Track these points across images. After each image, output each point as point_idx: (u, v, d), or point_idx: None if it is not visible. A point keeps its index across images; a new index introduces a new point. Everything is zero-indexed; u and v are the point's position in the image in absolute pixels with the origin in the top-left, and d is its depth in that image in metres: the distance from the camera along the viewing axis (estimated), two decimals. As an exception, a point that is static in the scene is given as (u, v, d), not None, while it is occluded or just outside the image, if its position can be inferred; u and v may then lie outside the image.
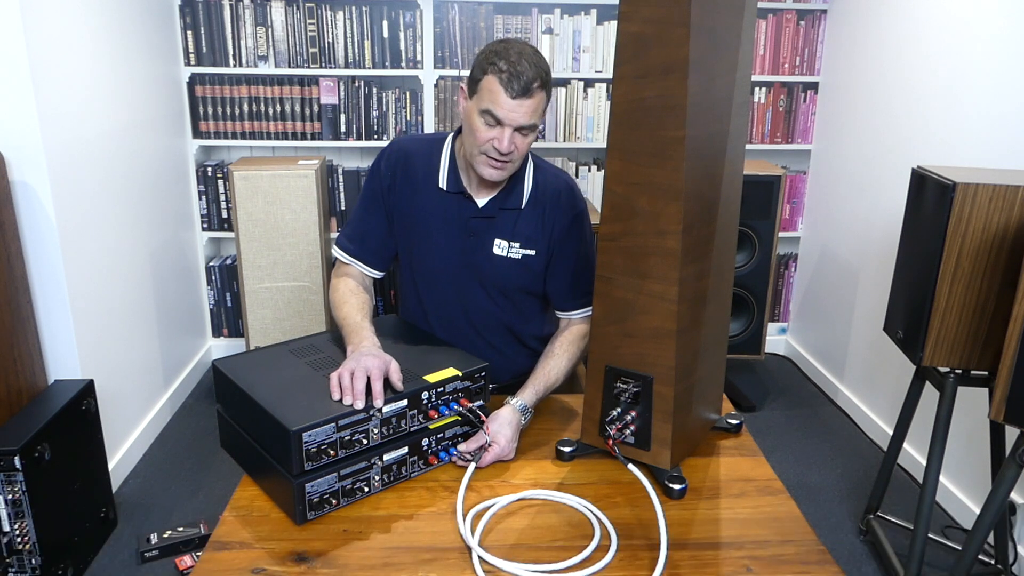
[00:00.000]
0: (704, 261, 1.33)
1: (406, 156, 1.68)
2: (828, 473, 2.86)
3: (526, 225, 1.66)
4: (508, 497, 1.29)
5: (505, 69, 1.46)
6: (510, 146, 1.51)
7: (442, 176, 1.65)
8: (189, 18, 3.25)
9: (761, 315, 3.24)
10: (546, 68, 1.51)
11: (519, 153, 1.54)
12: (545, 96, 1.52)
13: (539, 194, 1.67)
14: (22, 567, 2.01)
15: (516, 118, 1.49)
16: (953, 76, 2.61)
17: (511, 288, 1.71)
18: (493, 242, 1.66)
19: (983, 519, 1.77)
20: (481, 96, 1.50)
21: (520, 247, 1.66)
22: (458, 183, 1.65)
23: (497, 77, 1.47)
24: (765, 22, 3.46)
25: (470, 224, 1.65)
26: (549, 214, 1.67)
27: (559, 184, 1.69)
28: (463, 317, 1.72)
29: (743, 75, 1.35)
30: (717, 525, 1.25)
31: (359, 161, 3.55)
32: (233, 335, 3.68)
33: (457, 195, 1.65)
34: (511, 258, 1.67)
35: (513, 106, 1.47)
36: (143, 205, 2.93)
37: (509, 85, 1.46)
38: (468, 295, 1.70)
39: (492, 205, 1.65)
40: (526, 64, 1.46)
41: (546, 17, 3.36)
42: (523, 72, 1.46)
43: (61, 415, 2.13)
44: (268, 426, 1.23)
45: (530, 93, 1.48)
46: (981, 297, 1.85)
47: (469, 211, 1.65)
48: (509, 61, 1.46)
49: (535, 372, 1.60)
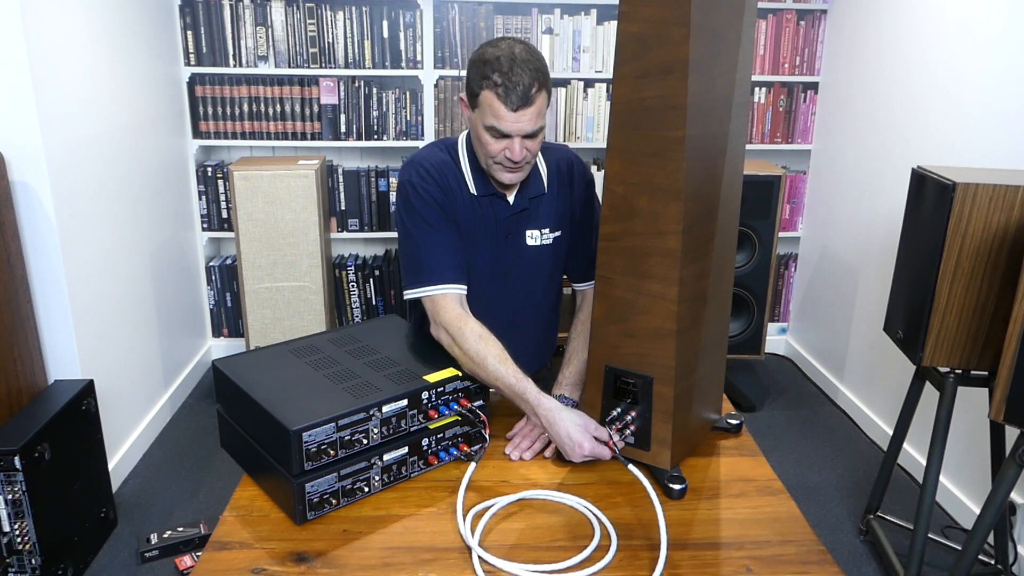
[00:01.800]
0: (704, 261, 1.33)
1: (436, 167, 1.61)
2: (828, 473, 2.86)
3: (550, 208, 1.69)
4: (508, 497, 1.29)
5: (500, 83, 1.43)
6: (522, 152, 1.51)
7: (470, 182, 1.63)
8: (189, 18, 3.25)
9: (761, 315, 3.24)
10: (541, 67, 1.48)
11: (532, 154, 1.55)
12: (546, 96, 1.50)
13: (554, 173, 1.71)
14: (22, 567, 2.01)
15: (521, 127, 1.48)
16: (953, 76, 2.61)
17: (545, 276, 1.73)
18: (525, 235, 1.68)
19: (983, 519, 1.77)
20: (483, 111, 1.49)
21: (549, 231, 1.69)
22: (487, 185, 1.63)
23: (494, 92, 1.44)
24: (765, 22, 3.46)
25: (507, 223, 1.66)
26: (566, 189, 1.71)
27: (568, 157, 1.74)
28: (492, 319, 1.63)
29: (743, 75, 1.35)
30: (717, 525, 1.25)
31: (359, 161, 3.55)
32: (233, 335, 3.68)
33: (489, 197, 1.64)
34: (544, 245, 1.70)
35: (516, 118, 1.46)
36: (143, 205, 2.93)
37: (508, 99, 1.44)
38: (499, 295, 1.70)
39: (521, 198, 1.66)
40: (520, 72, 1.43)
41: (546, 17, 3.36)
42: (519, 82, 1.43)
43: (61, 415, 2.13)
44: (268, 426, 1.23)
45: (530, 101, 1.45)
46: (981, 297, 1.85)
47: (503, 211, 1.65)
48: (503, 73, 1.43)
49: (570, 363, 1.64)
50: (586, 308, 1.74)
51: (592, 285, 1.68)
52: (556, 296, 1.82)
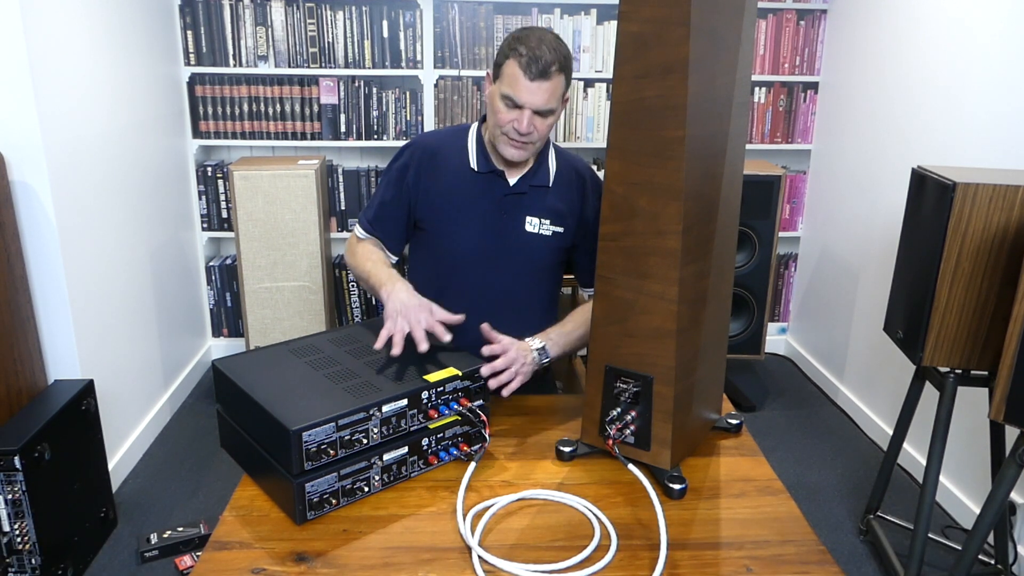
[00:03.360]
0: (704, 261, 1.33)
1: (429, 147, 1.75)
2: (828, 473, 2.86)
3: (555, 202, 1.74)
4: (508, 497, 1.29)
5: (525, 53, 1.54)
6: (529, 127, 1.58)
7: (472, 158, 1.72)
8: (189, 18, 3.25)
9: (761, 315, 3.24)
10: (566, 53, 1.58)
11: (539, 134, 1.62)
12: (564, 80, 1.59)
13: (563, 174, 1.76)
14: (22, 567, 2.01)
15: (535, 101, 1.56)
16: (953, 76, 2.61)
17: (540, 265, 1.76)
18: (525, 220, 1.72)
19: (983, 519, 1.77)
20: (503, 80, 1.59)
21: (551, 223, 1.73)
22: (489, 163, 1.72)
23: (517, 61, 1.54)
24: (765, 22, 3.46)
25: (503, 202, 1.71)
26: (577, 192, 1.76)
27: (581, 165, 1.80)
28: (483, 301, 1.70)
29: (743, 75, 1.35)
30: (717, 525, 1.25)
31: (359, 161, 3.55)
32: (233, 335, 3.68)
33: (489, 175, 1.72)
34: (542, 235, 1.73)
35: (532, 88, 1.54)
36: (143, 205, 2.93)
37: (528, 68, 1.53)
38: (493, 276, 1.74)
39: (522, 182, 1.72)
40: (545, 48, 1.54)
41: (546, 17, 3.36)
42: (542, 56, 1.53)
43: (61, 415, 2.13)
44: (268, 426, 1.23)
45: (548, 76, 1.54)
46: (981, 297, 1.85)
47: (501, 189, 1.72)
48: (529, 46, 1.54)
49: (558, 325, 1.67)
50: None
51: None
52: (555, 288, 1.84)
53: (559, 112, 1.64)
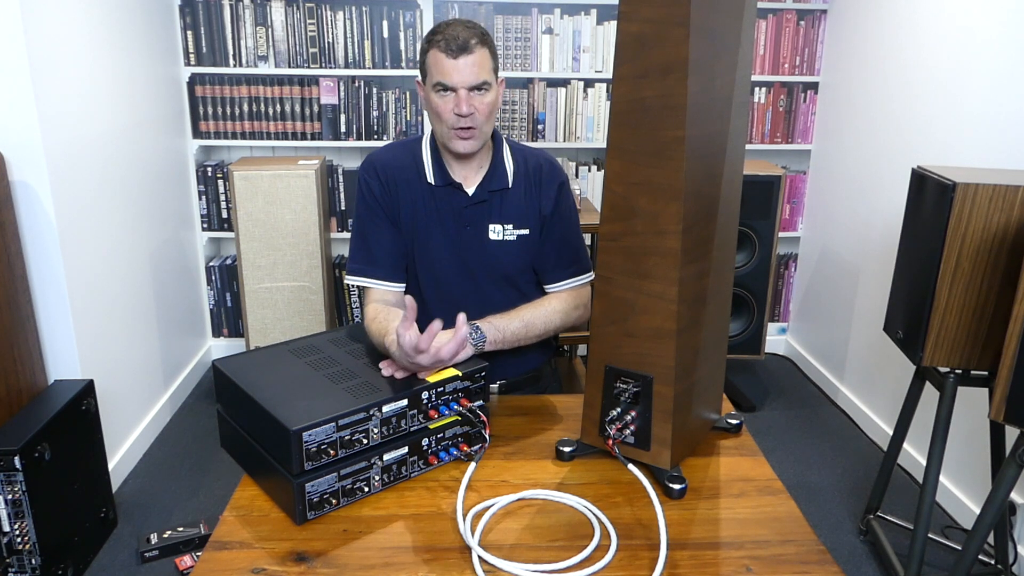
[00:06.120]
0: (704, 261, 1.33)
1: (386, 164, 1.70)
2: (828, 473, 2.86)
3: (515, 205, 1.70)
4: (508, 497, 1.29)
5: (441, 39, 1.55)
6: (468, 107, 1.56)
7: (428, 172, 1.69)
8: (189, 18, 3.25)
9: (761, 315, 3.24)
10: (483, 30, 1.59)
11: (481, 116, 1.59)
12: (489, 53, 1.58)
13: (522, 170, 1.72)
14: (22, 567, 2.01)
15: (463, 78, 1.55)
16: (953, 76, 2.61)
17: (512, 272, 1.73)
18: (488, 228, 1.69)
19: (983, 519, 1.77)
20: (430, 73, 1.58)
21: (514, 228, 1.70)
22: (445, 175, 1.68)
23: (436, 48, 1.55)
24: (765, 22, 3.46)
25: (464, 214, 1.68)
26: (535, 189, 1.72)
27: (540, 158, 1.75)
28: (465, 311, 1.69)
29: (743, 75, 1.35)
30: (717, 525, 1.25)
31: (359, 161, 3.55)
32: (233, 335, 3.68)
33: (446, 187, 1.68)
34: (507, 241, 1.70)
35: (456, 66, 1.54)
36: (143, 205, 2.93)
37: (448, 49, 1.54)
38: (471, 289, 1.71)
39: (481, 190, 1.69)
40: (460, 27, 1.55)
41: (546, 17, 3.36)
42: (458, 34, 1.54)
43: (61, 415, 2.13)
44: (268, 426, 1.23)
45: (469, 49, 1.54)
46: (981, 297, 1.85)
47: (460, 201, 1.68)
48: (442, 32, 1.56)
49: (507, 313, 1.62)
50: (552, 298, 1.72)
51: (558, 288, 1.74)
52: (535, 288, 1.80)
53: (497, 91, 1.62)
